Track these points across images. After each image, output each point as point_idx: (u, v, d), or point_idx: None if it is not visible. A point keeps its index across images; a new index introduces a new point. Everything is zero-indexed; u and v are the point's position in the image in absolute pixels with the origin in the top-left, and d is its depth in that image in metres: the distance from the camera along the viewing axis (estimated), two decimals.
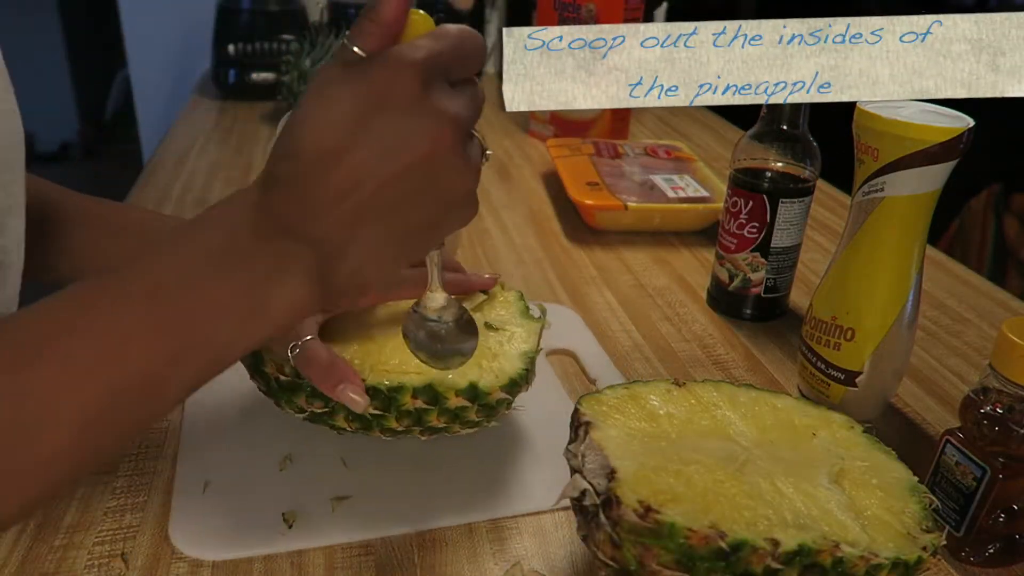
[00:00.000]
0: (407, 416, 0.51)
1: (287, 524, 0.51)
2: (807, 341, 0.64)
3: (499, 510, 0.53)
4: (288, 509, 0.52)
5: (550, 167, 1.14)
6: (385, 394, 0.50)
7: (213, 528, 0.51)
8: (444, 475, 0.56)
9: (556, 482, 0.52)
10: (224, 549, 0.49)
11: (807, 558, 0.39)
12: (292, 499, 0.53)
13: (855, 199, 0.59)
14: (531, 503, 0.54)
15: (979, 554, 0.51)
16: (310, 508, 0.52)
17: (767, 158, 0.73)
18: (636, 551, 0.39)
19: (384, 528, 0.52)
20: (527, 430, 0.61)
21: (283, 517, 0.52)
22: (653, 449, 0.44)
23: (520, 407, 0.56)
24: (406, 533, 0.51)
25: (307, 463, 0.56)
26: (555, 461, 0.54)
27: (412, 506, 0.53)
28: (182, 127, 1.30)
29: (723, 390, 0.50)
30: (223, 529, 0.51)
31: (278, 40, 1.38)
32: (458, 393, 0.51)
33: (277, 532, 0.51)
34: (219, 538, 0.50)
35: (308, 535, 0.51)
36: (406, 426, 0.52)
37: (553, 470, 0.54)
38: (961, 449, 0.50)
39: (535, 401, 0.61)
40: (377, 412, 0.51)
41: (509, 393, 0.53)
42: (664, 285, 0.85)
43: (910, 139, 0.54)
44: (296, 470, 0.56)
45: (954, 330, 0.78)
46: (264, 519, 0.51)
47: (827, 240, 0.97)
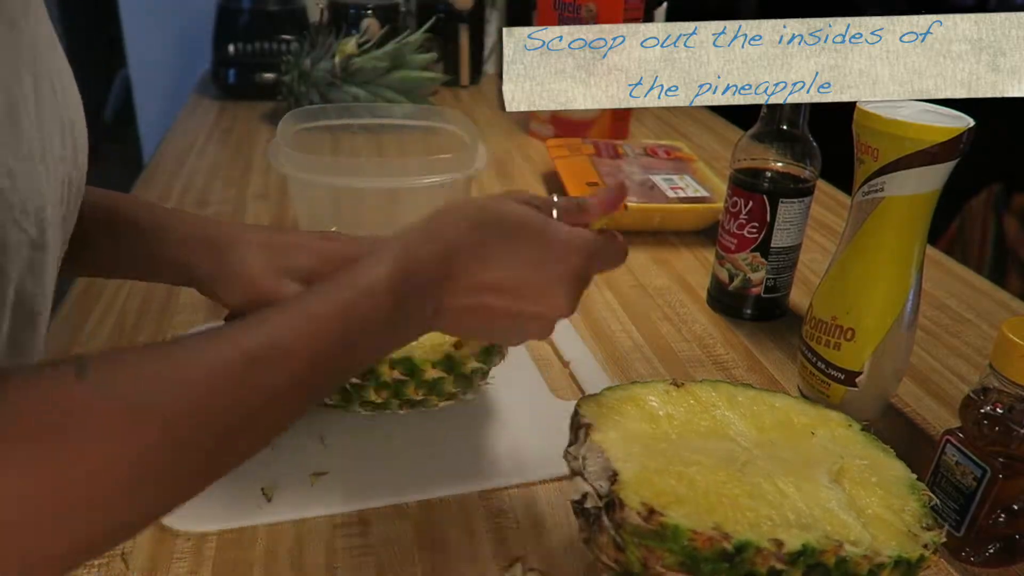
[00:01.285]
0: (386, 388, 0.53)
1: (266, 497, 0.52)
2: (807, 341, 0.64)
3: (476, 483, 0.55)
4: (268, 484, 0.54)
5: (550, 167, 1.14)
6: None
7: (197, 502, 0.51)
8: (421, 451, 0.58)
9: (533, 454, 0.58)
10: (201, 522, 0.51)
11: (811, 558, 0.39)
12: (270, 475, 0.54)
13: (855, 199, 0.59)
14: (510, 477, 0.56)
15: (979, 554, 0.51)
16: (288, 483, 0.54)
17: (767, 158, 0.73)
18: (640, 554, 0.39)
19: (361, 501, 0.53)
20: (501, 407, 0.63)
21: (262, 491, 0.53)
22: (654, 450, 0.44)
23: (492, 381, 0.59)
24: (383, 506, 0.53)
25: (286, 441, 0.57)
26: (529, 435, 0.60)
27: (388, 480, 0.55)
28: (182, 127, 1.30)
29: (721, 390, 0.50)
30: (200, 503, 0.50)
31: (278, 40, 1.38)
32: (435, 365, 0.53)
33: (255, 505, 0.52)
34: (195, 511, 0.49)
35: (287, 508, 0.52)
36: (385, 398, 0.54)
37: (528, 443, 0.59)
38: (961, 449, 0.50)
39: (508, 380, 0.64)
40: (357, 383, 0.53)
41: (484, 363, 0.55)
42: (664, 285, 0.85)
43: (910, 139, 0.54)
44: (275, 448, 0.56)
45: (954, 330, 0.78)
46: (243, 493, 0.53)
47: (827, 240, 0.97)
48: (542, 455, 0.56)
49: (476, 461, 0.57)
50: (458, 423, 0.61)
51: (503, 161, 1.21)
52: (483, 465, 0.57)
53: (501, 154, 1.24)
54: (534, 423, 0.61)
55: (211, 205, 0.99)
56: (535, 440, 0.59)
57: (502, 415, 0.62)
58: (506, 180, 1.14)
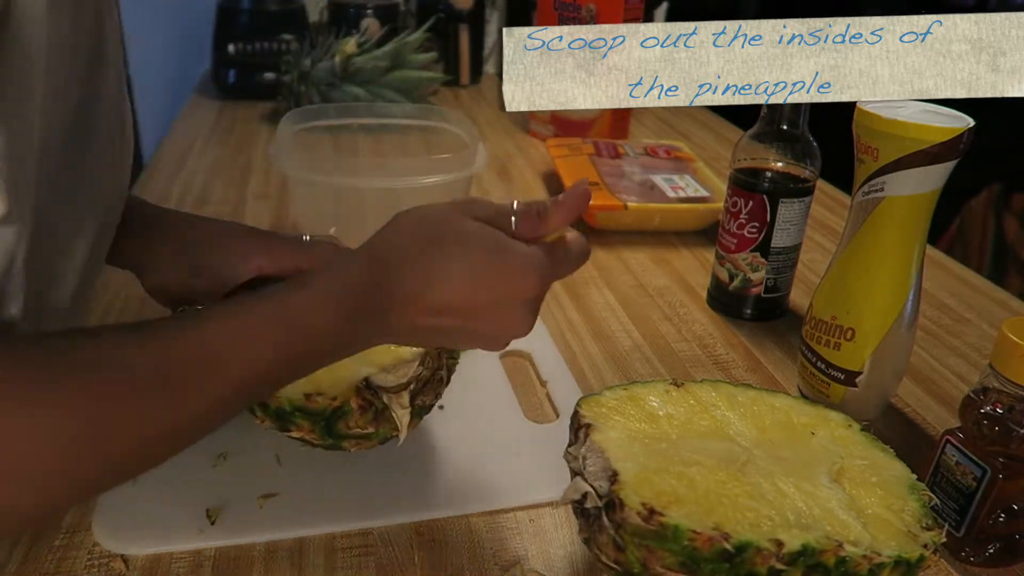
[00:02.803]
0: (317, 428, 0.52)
1: (210, 520, 0.51)
2: (807, 341, 0.64)
3: (428, 512, 0.53)
4: (215, 505, 0.52)
5: (550, 167, 1.14)
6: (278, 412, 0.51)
7: (136, 523, 0.51)
8: (379, 475, 0.56)
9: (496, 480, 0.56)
10: (143, 544, 0.49)
11: (811, 558, 0.39)
12: (221, 495, 0.53)
13: (855, 199, 0.59)
14: (466, 505, 0.54)
15: (979, 554, 0.51)
16: (238, 505, 0.52)
17: (767, 158, 0.73)
18: (640, 554, 0.39)
19: (307, 527, 0.51)
20: (467, 430, 0.61)
21: (206, 513, 0.52)
22: (654, 451, 0.44)
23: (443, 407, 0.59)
24: (331, 532, 0.51)
25: (241, 460, 0.56)
26: (493, 461, 0.58)
27: (340, 505, 0.53)
28: (182, 127, 1.30)
29: (721, 390, 0.50)
30: (146, 524, 0.51)
31: (278, 40, 1.38)
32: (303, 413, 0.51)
33: (197, 528, 0.50)
34: (140, 533, 0.50)
35: (230, 532, 0.50)
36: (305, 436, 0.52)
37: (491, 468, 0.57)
38: (961, 449, 0.50)
39: (479, 401, 0.62)
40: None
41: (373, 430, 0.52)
42: (664, 285, 0.85)
43: (910, 139, 0.54)
44: (229, 467, 0.56)
45: (954, 330, 0.78)
46: (188, 514, 0.51)
47: (827, 240, 0.97)
48: (507, 481, 0.55)
49: (432, 487, 0.55)
50: (418, 447, 0.58)
51: (503, 161, 1.21)
52: (440, 492, 0.55)
53: (501, 154, 1.24)
54: (500, 447, 0.59)
55: (211, 205, 0.99)
56: (498, 465, 0.57)
57: (466, 439, 0.60)
58: (506, 180, 1.14)
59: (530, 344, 0.71)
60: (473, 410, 0.62)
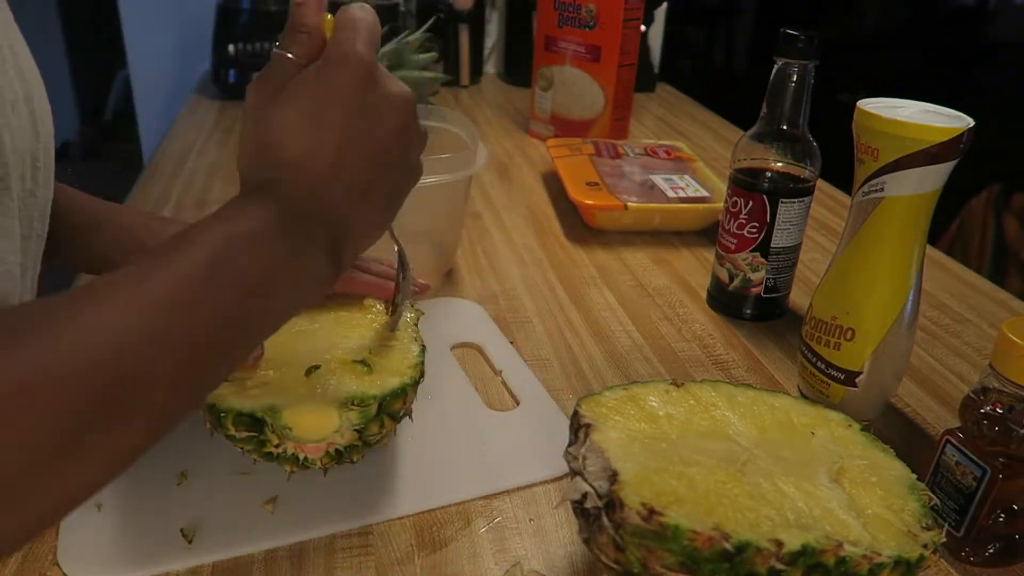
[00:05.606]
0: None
1: (187, 539, 0.49)
2: (807, 341, 0.64)
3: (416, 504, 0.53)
4: (187, 524, 0.50)
5: (550, 167, 1.14)
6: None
7: (106, 550, 0.48)
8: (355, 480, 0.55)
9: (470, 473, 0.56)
10: (119, 571, 0.47)
11: (811, 558, 0.39)
12: (190, 514, 0.51)
13: (855, 199, 0.59)
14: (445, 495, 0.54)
15: (979, 554, 0.51)
16: (210, 522, 0.51)
17: (767, 158, 0.73)
18: (640, 554, 0.39)
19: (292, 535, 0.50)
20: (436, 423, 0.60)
21: (182, 533, 0.50)
22: (654, 450, 0.44)
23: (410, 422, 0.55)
24: (313, 538, 0.50)
25: (204, 478, 0.54)
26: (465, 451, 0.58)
27: (317, 513, 0.52)
28: (182, 127, 1.30)
29: (721, 390, 0.50)
30: (117, 550, 0.49)
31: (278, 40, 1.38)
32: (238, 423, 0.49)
33: (177, 547, 0.49)
34: (112, 560, 0.48)
35: (210, 549, 0.49)
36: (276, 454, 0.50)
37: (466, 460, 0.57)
38: (961, 449, 0.50)
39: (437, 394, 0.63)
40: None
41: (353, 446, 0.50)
42: (664, 285, 0.85)
43: (910, 139, 0.54)
44: (193, 485, 0.54)
45: (954, 330, 0.78)
46: (162, 536, 0.49)
47: (827, 240, 0.97)
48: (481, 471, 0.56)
49: (416, 482, 0.55)
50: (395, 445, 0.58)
51: (503, 161, 1.21)
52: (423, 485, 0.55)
53: (501, 154, 1.24)
54: (470, 437, 0.59)
55: (211, 205, 0.99)
56: (470, 455, 0.58)
57: (437, 431, 0.60)
58: (506, 180, 1.14)
59: (478, 335, 0.73)
60: (436, 408, 0.62)
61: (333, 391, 0.50)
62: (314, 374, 0.52)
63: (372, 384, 0.51)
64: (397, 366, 0.53)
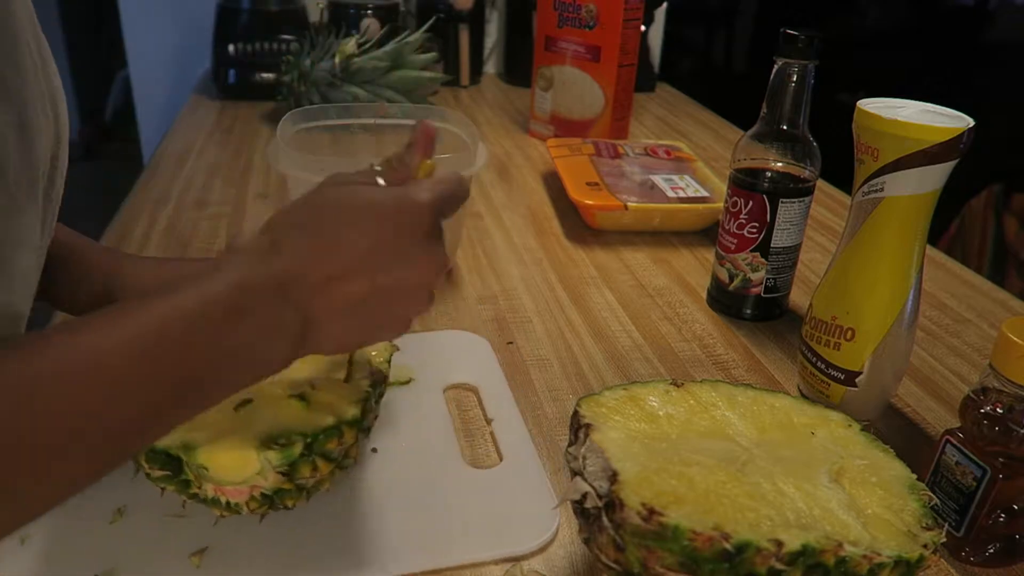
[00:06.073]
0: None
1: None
2: (807, 341, 0.64)
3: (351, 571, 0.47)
4: (107, 568, 0.46)
5: (550, 167, 1.14)
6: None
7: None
8: (295, 532, 0.50)
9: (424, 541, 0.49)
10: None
11: (811, 558, 0.39)
12: (116, 556, 0.47)
13: (855, 199, 0.59)
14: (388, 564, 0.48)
15: (979, 554, 0.51)
16: (135, 566, 0.47)
17: (767, 158, 0.73)
18: (640, 554, 0.39)
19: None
20: (399, 475, 0.55)
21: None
22: (654, 450, 0.44)
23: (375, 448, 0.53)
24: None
25: (140, 517, 0.50)
26: (425, 514, 0.51)
27: (248, 571, 0.47)
28: (182, 127, 1.30)
29: (721, 390, 0.50)
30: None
31: (278, 40, 1.38)
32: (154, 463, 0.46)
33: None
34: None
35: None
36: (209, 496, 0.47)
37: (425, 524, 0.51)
38: (961, 449, 0.50)
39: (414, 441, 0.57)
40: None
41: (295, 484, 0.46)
42: (664, 285, 0.85)
43: (910, 139, 0.54)
44: (125, 524, 0.50)
45: (954, 330, 0.78)
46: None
47: (827, 240, 0.97)
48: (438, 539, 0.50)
49: (362, 542, 0.49)
50: (343, 496, 0.52)
51: (503, 161, 1.21)
52: (369, 548, 0.49)
53: (501, 154, 1.24)
54: (435, 497, 0.53)
55: (211, 205, 0.99)
56: (431, 519, 0.51)
57: (399, 484, 0.54)
58: (506, 180, 1.14)
59: (478, 376, 0.67)
60: (407, 454, 0.56)
61: (258, 427, 0.46)
62: (244, 408, 0.47)
63: (303, 421, 0.47)
64: (338, 403, 0.49)
